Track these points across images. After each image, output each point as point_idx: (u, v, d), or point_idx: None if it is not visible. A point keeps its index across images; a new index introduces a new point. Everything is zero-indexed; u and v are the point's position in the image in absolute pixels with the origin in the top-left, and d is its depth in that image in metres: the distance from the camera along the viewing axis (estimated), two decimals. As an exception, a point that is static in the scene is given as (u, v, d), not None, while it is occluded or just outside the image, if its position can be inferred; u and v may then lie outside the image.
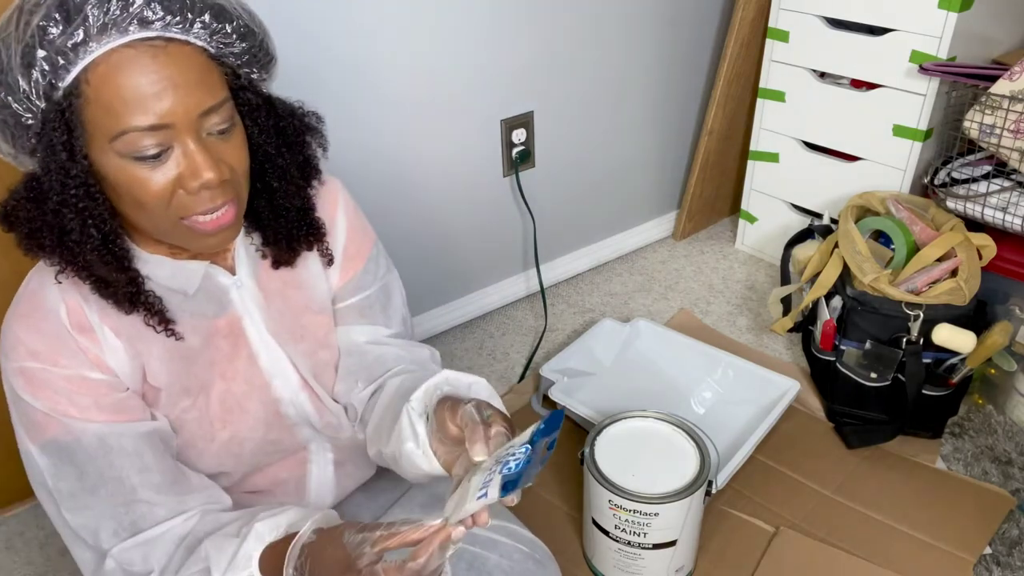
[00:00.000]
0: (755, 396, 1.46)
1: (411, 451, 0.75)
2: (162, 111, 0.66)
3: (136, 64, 0.65)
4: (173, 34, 0.67)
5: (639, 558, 1.10)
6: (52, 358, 0.74)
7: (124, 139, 0.66)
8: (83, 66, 0.64)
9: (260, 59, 0.75)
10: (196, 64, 0.68)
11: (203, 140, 0.69)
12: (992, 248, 1.47)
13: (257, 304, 0.86)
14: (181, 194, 0.70)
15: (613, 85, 1.82)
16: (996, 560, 1.22)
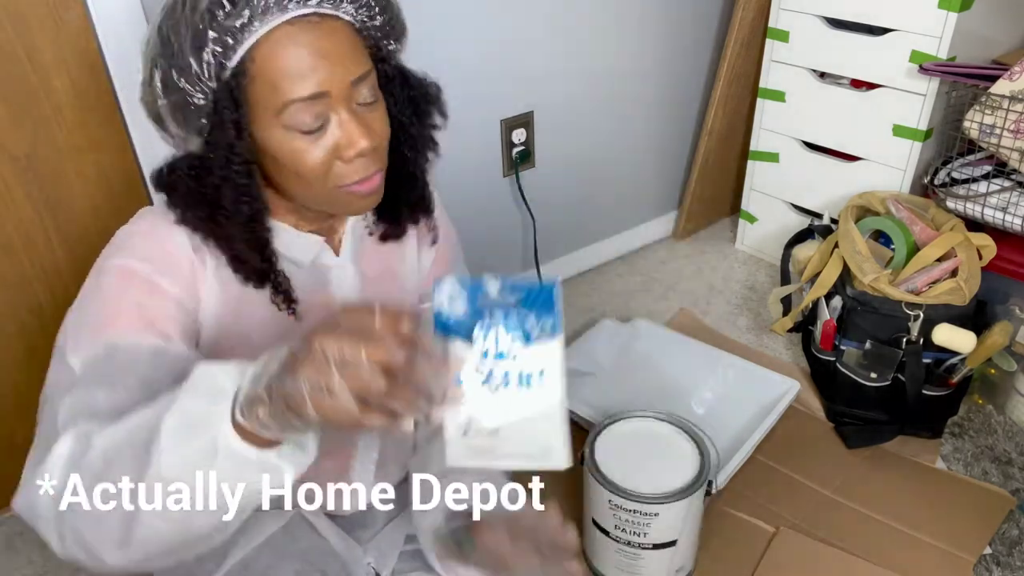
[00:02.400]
0: (755, 396, 1.46)
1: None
2: (320, 80, 0.70)
3: (296, 39, 0.69)
4: (325, 10, 0.71)
5: (639, 558, 1.10)
6: (162, 269, 0.75)
7: (288, 111, 0.70)
8: (249, 45, 0.69)
9: (396, 31, 0.81)
10: (346, 37, 0.73)
11: (354, 111, 0.74)
12: (992, 248, 1.47)
13: (354, 287, 0.89)
14: (339, 164, 0.74)
15: (613, 85, 1.82)
16: (996, 560, 1.22)
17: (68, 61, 1.16)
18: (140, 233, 0.78)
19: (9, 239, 1.21)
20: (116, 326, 0.73)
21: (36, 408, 0.77)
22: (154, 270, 0.75)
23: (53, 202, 1.22)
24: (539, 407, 0.57)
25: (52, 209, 1.23)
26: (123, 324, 0.73)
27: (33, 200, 1.21)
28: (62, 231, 1.25)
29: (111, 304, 0.74)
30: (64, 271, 1.27)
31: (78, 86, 1.18)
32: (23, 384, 1.29)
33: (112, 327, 0.73)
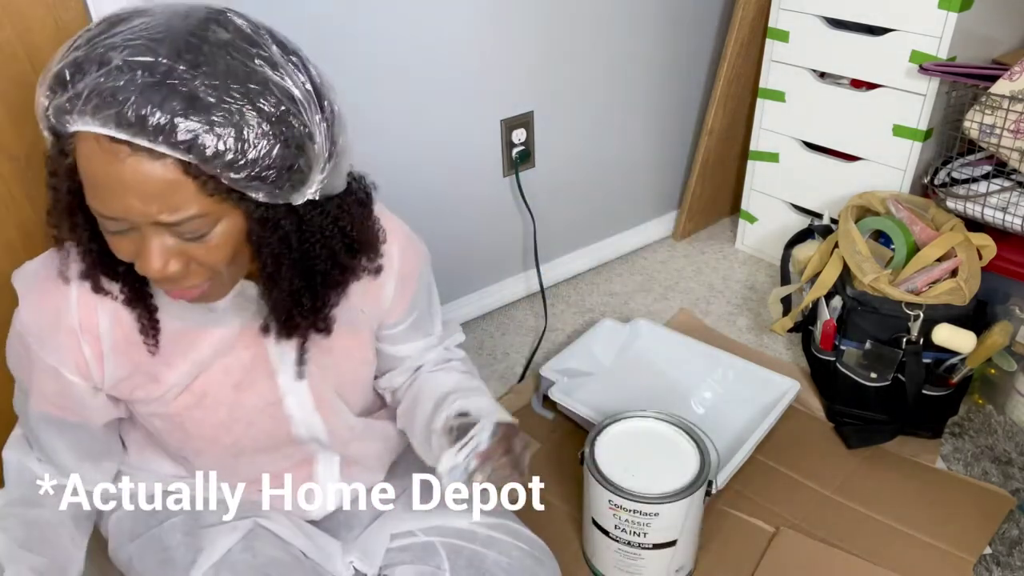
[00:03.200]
0: (755, 396, 1.46)
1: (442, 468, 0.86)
2: (116, 210, 0.65)
3: (95, 157, 0.63)
4: (139, 141, 0.61)
5: (639, 558, 1.10)
6: (39, 341, 0.79)
7: (95, 209, 0.66)
8: (71, 131, 0.64)
9: (277, 182, 0.66)
10: (158, 180, 0.63)
11: (164, 236, 0.67)
12: (992, 248, 1.47)
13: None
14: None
15: (613, 85, 1.82)
16: (996, 560, 1.22)
17: (68, 61, 1.16)
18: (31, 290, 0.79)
19: (9, 239, 1.21)
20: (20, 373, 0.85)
21: None
22: (34, 340, 0.79)
23: (53, 202, 1.22)
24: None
25: (52, 209, 1.23)
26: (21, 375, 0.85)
27: (33, 200, 1.20)
28: (62, 231, 1.25)
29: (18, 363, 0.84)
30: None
31: (78, 86, 1.18)
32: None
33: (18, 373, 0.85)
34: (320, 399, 0.90)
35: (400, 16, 1.42)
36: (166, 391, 0.83)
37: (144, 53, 0.61)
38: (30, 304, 0.79)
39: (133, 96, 0.60)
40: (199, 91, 0.61)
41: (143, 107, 0.60)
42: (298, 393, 0.89)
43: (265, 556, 0.89)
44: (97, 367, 0.80)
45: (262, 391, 0.87)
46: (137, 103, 0.60)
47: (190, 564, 0.86)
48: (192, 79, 0.61)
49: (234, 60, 0.63)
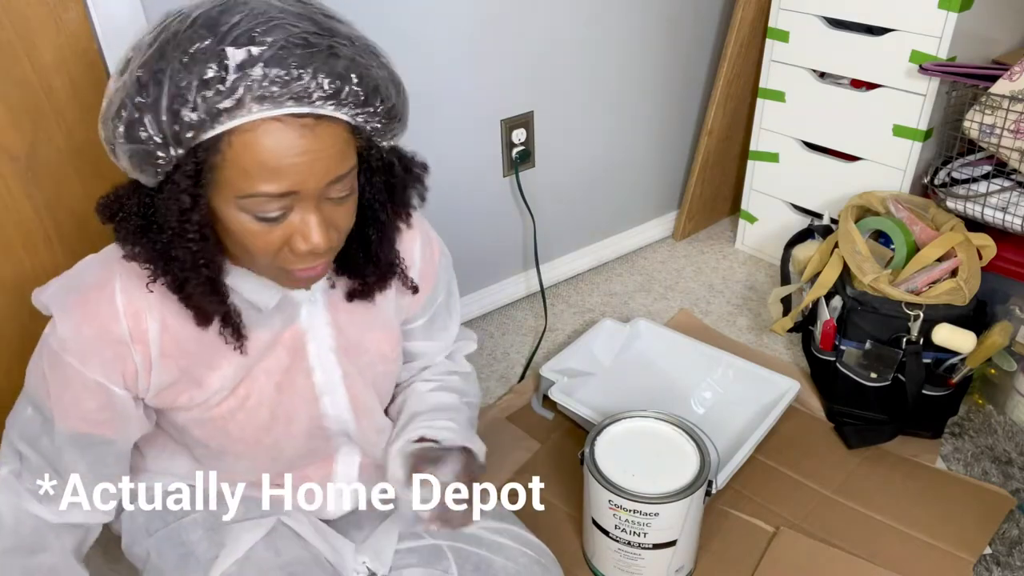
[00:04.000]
0: (755, 396, 1.46)
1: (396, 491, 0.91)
2: (295, 181, 0.68)
3: (281, 137, 0.66)
4: (324, 111, 0.67)
5: (639, 558, 1.10)
6: (81, 356, 0.77)
7: (252, 200, 0.68)
8: (230, 127, 0.65)
9: (397, 129, 0.77)
10: (337, 138, 0.69)
11: (320, 208, 0.71)
12: (992, 248, 1.47)
13: (324, 320, 0.88)
14: (286, 251, 0.73)
15: (613, 85, 1.82)
16: (996, 560, 1.22)
17: (68, 61, 1.16)
18: (74, 304, 0.77)
19: (9, 239, 1.21)
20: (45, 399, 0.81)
21: None
22: (74, 356, 0.77)
23: (53, 202, 1.22)
24: None
25: (52, 209, 1.23)
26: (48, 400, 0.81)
27: (33, 200, 1.21)
28: (62, 231, 1.25)
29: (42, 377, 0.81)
30: (64, 271, 1.27)
31: (78, 86, 1.18)
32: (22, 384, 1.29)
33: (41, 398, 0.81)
34: (355, 398, 0.92)
35: (400, 16, 1.42)
36: (210, 396, 0.83)
37: (290, 32, 0.64)
38: (70, 320, 0.76)
39: (307, 71, 0.64)
40: (345, 54, 0.67)
41: (318, 78, 0.65)
42: (334, 392, 0.90)
43: (289, 555, 0.89)
44: (145, 376, 0.79)
45: (301, 390, 0.88)
46: (312, 76, 0.64)
47: (212, 560, 0.86)
48: (339, 45, 0.67)
49: (341, 24, 0.70)
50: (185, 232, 0.70)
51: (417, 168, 0.84)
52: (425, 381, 1.03)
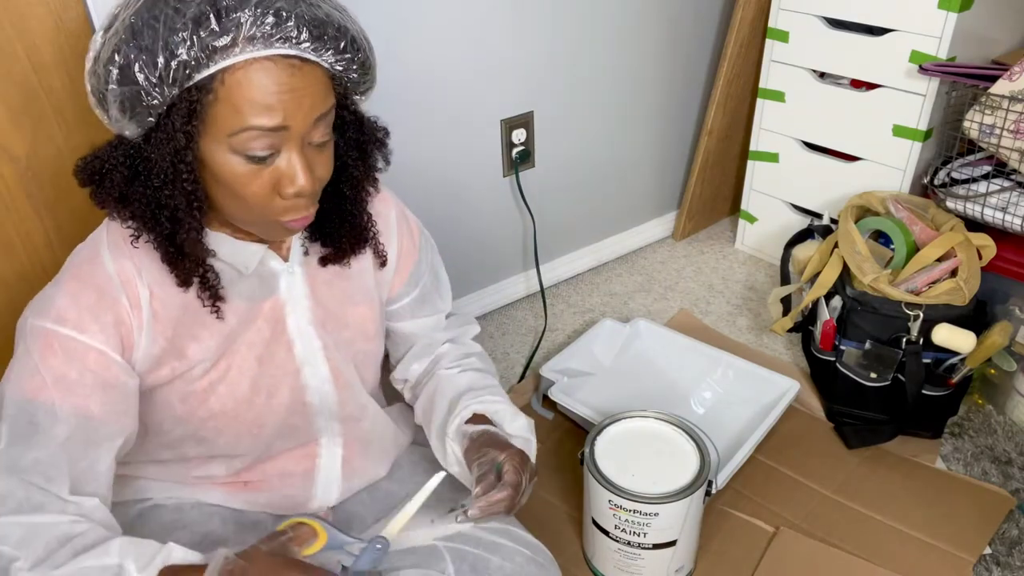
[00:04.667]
0: (755, 396, 1.46)
1: (456, 472, 0.94)
2: (285, 115, 0.71)
3: (272, 74, 0.70)
4: (308, 55, 0.72)
5: (639, 558, 1.10)
6: (81, 325, 0.77)
7: (242, 136, 0.71)
8: (223, 66, 0.69)
9: (367, 85, 0.81)
10: (320, 80, 0.74)
11: (304, 150, 0.75)
12: (992, 248, 1.47)
13: (303, 292, 0.90)
14: (276, 198, 0.76)
15: (613, 85, 1.82)
16: (996, 560, 1.22)
17: (68, 61, 1.16)
18: (63, 283, 0.78)
19: (9, 239, 1.21)
20: (38, 393, 0.76)
21: None
22: (74, 327, 0.76)
23: (53, 202, 1.22)
24: None
25: (52, 209, 1.23)
26: (44, 392, 0.76)
27: (33, 200, 1.21)
28: (62, 231, 1.25)
29: (33, 371, 0.76)
30: (64, 271, 1.27)
31: (78, 86, 1.18)
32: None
33: (34, 393, 0.76)
34: (336, 371, 0.93)
35: (400, 16, 1.42)
36: (192, 366, 0.84)
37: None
38: (67, 293, 0.77)
39: (292, 15, 0.69)
40: (323, 6, 0.72)
41: (303, 22, 0.70)
42: (315, 364, 0.91)
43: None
44: (139, 341, 0.80)
45: (282, 362, 0.89)
46: (298, 20, 0.69)
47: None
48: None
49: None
50: (179, 173, 0.72)
51: (379, 132, 0.88)
52: (446, 369, 1.04)
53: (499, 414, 0.96)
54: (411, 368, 1.07)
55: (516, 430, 0.95)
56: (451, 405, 0.98)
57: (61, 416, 0.76)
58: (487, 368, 1.08)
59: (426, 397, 1.03)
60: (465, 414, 0.95)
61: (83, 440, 0.78)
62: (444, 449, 0.95)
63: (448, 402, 0.99)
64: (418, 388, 1.06)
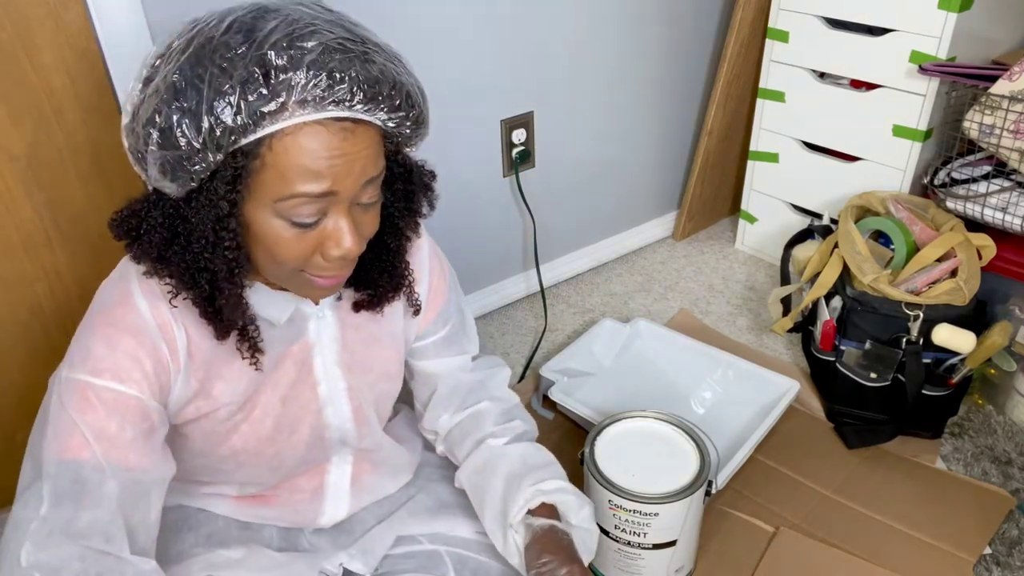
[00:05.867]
0: (755, 396, 1.46)
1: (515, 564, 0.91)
2: (334, 182, 0.68)
3: (322, 139, 0.66)
4: (362, 116, 0.68)
5: (639, 558, 1.10)
6: (118, 374, 0.73)
7: (290, 202, 0.68)
8: (271, 131, 0.65)
9: (421, 137, 0.77)
10: (373, 142, 0.70)
11: (352, 213, 0.72)
12: (992, 248, 1.47)
13: (331, 335, 0.88)
14: (316, 258, 0.73)
15: (613, 85, 1.82)
16: (996, 560, 1.22)
17: (68, 61, 1.16)
18: (99, 328, 0.74)
19: (9, 239, 1.21)
20: (80, 451, 0.72)
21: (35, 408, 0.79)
22: (112, 377, 0.73)
23: (53, 202, 1.22)
24: None
25: (52, 209, 1.23)
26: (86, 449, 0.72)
27: (33, 200, 1.21)
28: (62, 231, 1.25)
29: (71, 428, 0.72)
30: (64, 271, 1.27)
31: (78, 86, 1.18)
32: (23, 384, 1.29)
33: (76, 451, 0.72)
34: (357, 409, 0.92)
35: (400, 16, 1.42)
36: (218, 407, 0.82)
37: (328, 38, 0.65)
38: (103, 340, 0.73)
39: (347, 75, 0.65)
40: (378, 61, 0.68)
41: (358, 83, 0.66)
42: (337, 404, 0.90)
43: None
44: (176, 384, 0.78)
45: (305, 402, 0.88)
46: (352, 81, 0.65)
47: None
48: (372, 52, 0.68)
49: (368, 32, 0.71)
50: (221, 240, 0.69)
51: (427, 176, 0.84)
52: (494, 439, 0.99)
53: (565, 504, 0.92)
54: (440, 420, 1.02)
55: (581, 521, 0.93)
56: (508, 487, 0.92)
57: (109, 472, 0.73)
58: (532, 430, 1.03)
59: (474, 471, 0.97)
60: (532, 503, 0.90)
61: (133, 493, 0.75)
62: (505, 538, 0.91)
63: (504, 482, 0.93)
64: (453, 446, 1.01)
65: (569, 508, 0.92)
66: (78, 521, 0.71)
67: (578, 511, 0.92)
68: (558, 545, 0.87)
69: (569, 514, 0.92)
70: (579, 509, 0.93)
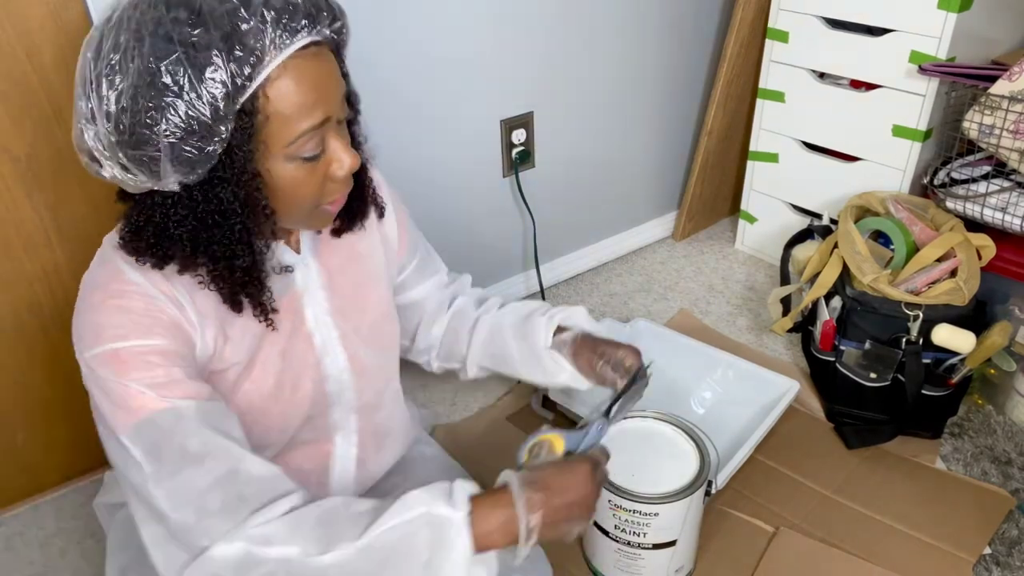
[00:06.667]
0: (755, 396, 1.46)
1: (565, 380, 1.06)
2: (326, 106, 0.73)
3: (305, 70, 0.70)
4: (317, 37, 0.72)
5: (639, 558, 1.10)
6: (144, 333, 0.74)
7: (297, 142, 0.72)
8: (261, 81, 0.68)
9: (347, 43, 0.80)
10: (332, 57, 0.75)
11: (339, 131, 0.77)
12: (991, 248, 1.47)
13: (318, 283, 0.90)
14: (328, 184, 0.78)
15: (613, 85, 1.82)
16: (996, 560, 1.22)
17: (68, 61, 1.16)
18: (98, 304, 0.75)
19: (9, 239, 1.21)
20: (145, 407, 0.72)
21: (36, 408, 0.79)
22: (137, 336, 0.73)
23: (53, 202, 1.22)
24: None
25: (52, 209, 1.23)
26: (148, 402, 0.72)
27: (33, 200, 1.21)
28: (62, 231, 1.25)
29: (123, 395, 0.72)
30: (64, 271, 1.27)
31: (78, 86, 1.18)
32: (23, 384, 1.29)
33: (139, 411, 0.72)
34: (353, 357, 0.94)
35: (400, 16, 1.42)
36: (228, 367, 0.83)
37: None
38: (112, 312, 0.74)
39: (290, 5, 0.68)
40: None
41: (301, 8, 0.69)
42: (333, 353, 0.92)
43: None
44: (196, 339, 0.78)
45: (302, 355, 0.89)
46: (297, 7, 0.69)
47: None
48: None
49: None
50: (257, 203, 0.72)
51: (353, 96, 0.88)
52: (485, 314, 1.12)
53: (572, 318, 1.08)
54: (432, 333, 1.12)
55: (588, 324, 1.09)
56: (523, 331, 1.07)
57: (181, 408, 0.73)
58: (506, 300, 1.16)
59: (483, 347, 1.10)
60: (552, 327, 1.06)
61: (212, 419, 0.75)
62: (546, 367, 1.05)
63: (515, 331, 1.07)
64: (451, 346, 1.13)
65: (575, 319, 1.08)
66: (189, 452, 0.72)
67: (583, 317, 1.09)
68: (596, 340, 1.04)
69: (577, 324, 1.08)
70: (582, 316, 1.09)
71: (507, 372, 1.11)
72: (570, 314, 1.09)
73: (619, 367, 1.02)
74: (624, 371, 1.01)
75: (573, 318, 1.09)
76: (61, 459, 1.39)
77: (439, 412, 1.56)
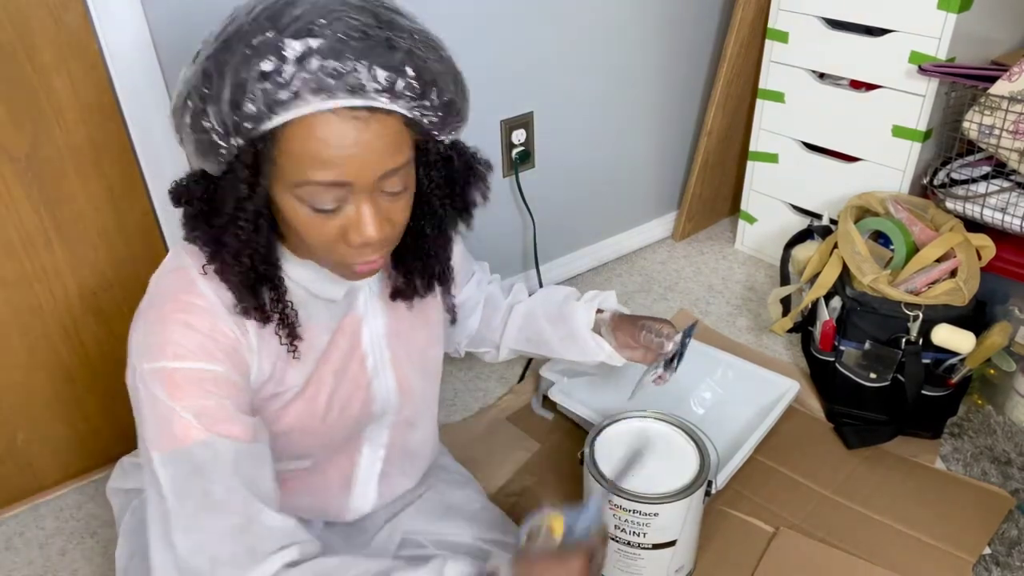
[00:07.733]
0: (755, 396, 1.46)
1: (603, 358, 1.09)
2: (346, 172, 0.68)
3: (334, 128, 0.66)
4: (378, 104, 0.67)
5: (639, 558, 1.10)
6: (203, 357, 0.73)
7: (306, 189, 0.68)
8: (287, 119, 0.66)
9: (453, 125, 0.76)
10: (391, 131, 0.69)
11: (375, 200, 0.71)
12: (991, 248, 1.47)
13: (378, 307, 0.90)
14: (342, 244, 0.72)
15: (613, 85, 1.82)
16: (996, 560, 1.22)
17: (68, 61, 1.16)
18: (168, 316, 0.74)
19: (9, 239, 1.21)
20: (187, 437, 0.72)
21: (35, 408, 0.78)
22: (196, 358, 0.73)
23: (53, 202, 1.22)
24: None
25: (52, 209, 1.23)
26: (191, 432, 0.72)
27: (33, 200, 1.21)
28: (62, 231, 1.25)
29: (169, 417, 0.72)
30: (64, 271, 1.27)
31: (78, 86, 1.18)
32: (23, 384, 1.29)
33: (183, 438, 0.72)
34: (401, 380, 0.94)
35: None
36: (287, 389, 0.83)
37: (349, 24, 0.65)
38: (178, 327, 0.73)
39: (362, 63, 0.64)
40: (402, 47, 0.67)
41: (373, 71, 0.65)
42: (384, 376, 0.92)
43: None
44: (253, 363, 0.79)
45: (355, 376, 0.89)
46: (368, 68, 0.65)
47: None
48: (396, 38, 0.67)
49: (402, 17, 0.70)
50: (236, 219, 0.71)
51: (479, 165, 0.83)
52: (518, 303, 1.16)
53: (605, 302, 1.12)
54: (468, 324, 1.15)
55: (617, 306, 1.13)
56: (560, 315, 1.10)
57: (220, 446, 0.73)
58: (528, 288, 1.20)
59: (522, 325, 1.14)
60: (591, 308, 1.10)
61: (247, 463, 0.75)
62: (581, 346, 1.09)
63: (551, 317, 1.11)
64: (479, 337, 1.17)
65: (608, 302, 1.13)
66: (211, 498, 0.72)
67: (614, 300, 1.14)
68: (633, 316, 1.08)
69: (611, 305, 1.13)
70: (614, 299, 1.14)
71: (543, 353, 1.16)
72: (605, 297, 1.14)
73: (661, 333, 1.06)
74: (668, 334, 1.06)
75: (607, 302, 1.13)
76: (61, 459, 1.39)
77: (439, 412, 1.56)
